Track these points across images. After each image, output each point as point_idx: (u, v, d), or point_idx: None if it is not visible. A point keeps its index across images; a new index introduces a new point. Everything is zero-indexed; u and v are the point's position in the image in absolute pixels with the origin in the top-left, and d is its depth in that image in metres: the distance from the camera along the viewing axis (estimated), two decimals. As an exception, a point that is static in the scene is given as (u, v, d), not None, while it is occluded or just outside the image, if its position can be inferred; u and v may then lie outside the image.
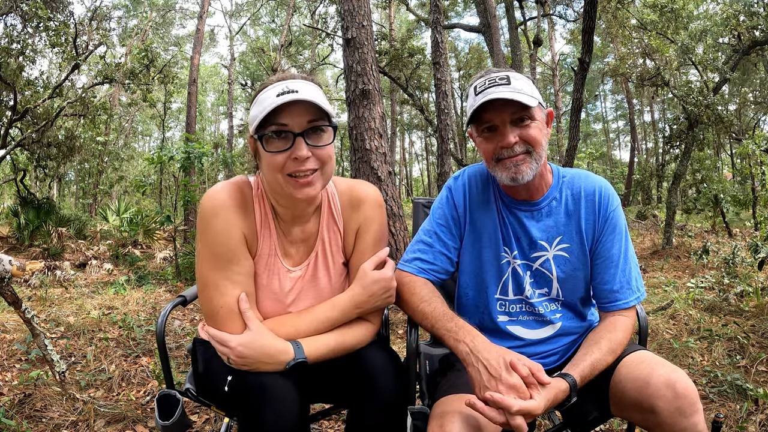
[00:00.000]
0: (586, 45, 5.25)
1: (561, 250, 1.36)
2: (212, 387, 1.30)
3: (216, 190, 1.23)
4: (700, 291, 4.51)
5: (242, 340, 1.17)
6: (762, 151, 7.17)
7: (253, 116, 1.19)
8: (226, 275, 1.21)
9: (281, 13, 25.84)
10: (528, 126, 1.26)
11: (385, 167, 4.89)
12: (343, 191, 1.38)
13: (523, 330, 1.39)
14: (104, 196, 18.11)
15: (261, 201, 1.28)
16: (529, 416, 1.04)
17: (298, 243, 1.33)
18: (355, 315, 1.30)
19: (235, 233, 1.22)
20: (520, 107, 1.24)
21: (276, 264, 1.29)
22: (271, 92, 1.16)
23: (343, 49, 5.26)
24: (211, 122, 37.68)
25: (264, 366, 1.17)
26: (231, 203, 1.22)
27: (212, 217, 1.20)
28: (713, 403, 2.36)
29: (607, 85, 33.77)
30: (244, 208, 1.24)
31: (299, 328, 1.25)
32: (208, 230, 1.21)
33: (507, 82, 1.25)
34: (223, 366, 1.22)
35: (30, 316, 2.41)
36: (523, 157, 1.27)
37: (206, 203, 1.21)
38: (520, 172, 1.26)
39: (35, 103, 9.20)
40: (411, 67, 12.43)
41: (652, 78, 10.37)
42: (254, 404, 1.11)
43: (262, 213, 1.28)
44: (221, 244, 1.20)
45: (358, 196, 1.37)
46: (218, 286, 1.21)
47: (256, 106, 1.18)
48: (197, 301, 1.42)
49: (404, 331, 3.11)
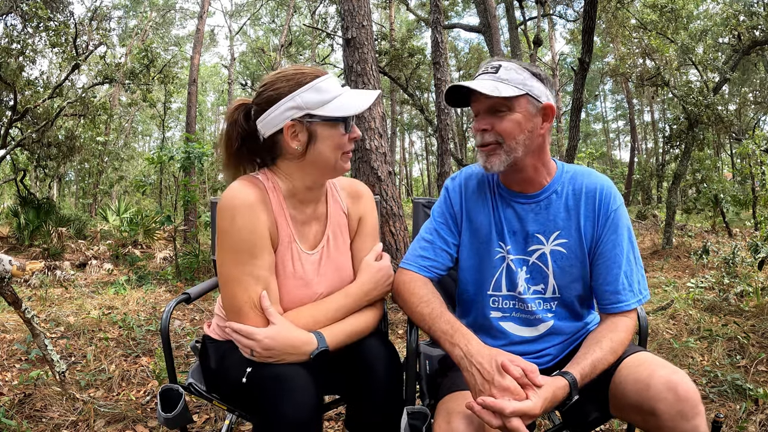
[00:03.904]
0: (586, 45, 5.25)
1: (558, 245, 1.35)
2: (226, 381, 1.34)
3: (236, 188, 1.27)
4: (700, 291, 4.51)
5: (269, 332, 1.22)
6: (762, 151, 7.17)
7: (320, 101, 1.27)
8: (248, 270, 1.25)
9: (281, 13, 25.83)
10: (502, 118, 1.27)
11: (385, 167, 4.89)
12: (344, 184, 1.52)
13: (515, 326, 1.39)
14: (104, 196, 18.10)
15: (274, 192, 1.33)
16: (525, 417, 1.03)
17: (311, 222, 1.40)
18: (365, 303, 1.39)
19: (259, 228, 1.26)
20: (498, 97, 1.26)
21: (295, 249, 1.35)
22: (335, 81, 1.31)
23: (343, 49, 5.26)
24: (211, 122, 37.64)
25: (289, 357, 1.22)
26: (253, 199, 1.26)
27: (236, 214, 1.24)
28: (713, 403, 2.36)
29: (607, 85, 33.77)
30: (264, 202, 1.29)
31: (317, 318, 1.31)
32: (232, 227, 1.24)
33: (495, 71, 1.27)
34: (240, 359, 1.26)
35: (30, 316, 2.41)
36: (492, 147, 1.29)
37: (228, 201, 1.25)
38: (489, 161, 1.30)
39: (35, 103, 9.20)
40: (411, 67, 12.42)
41: (652, 78, 10.37)
42: (274, 395, 1.15)
43: (276, 204, 1.33)
44: (245, 240, 1.24)
45: (357, 190, 1.52)
46: (241, 282, 1.25)
47: (320, 93, 1.27)
48: (198, 300, 1.44)
49: (404, 331, 3.11)
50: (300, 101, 1.26)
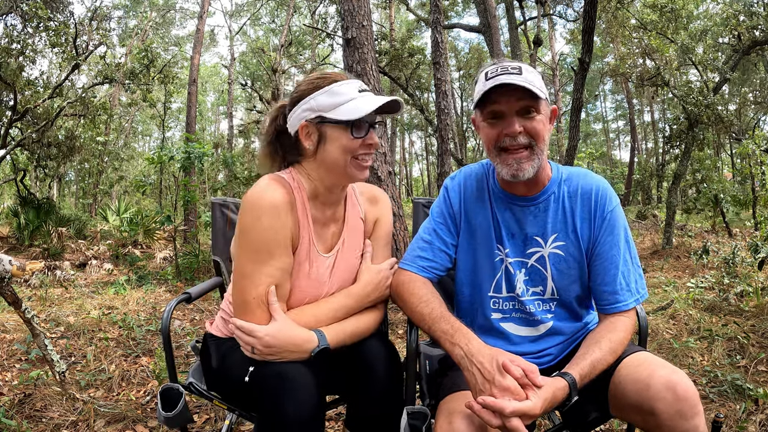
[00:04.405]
0: (586, 45, 5.26)
1: (556, 248, 1.36)
2: (228, 380, 1.35)
3: (268, 186, 1.27)
4: (700, 291, 4.51)
5: (269, 330, 1.23)
6: (762, 151, 7.17)
7: (332, 104, 1.29)
8: (264, 269, 1.26)
9: (281, 13, 25.82)
10: (533, 118, 1.25)
11: (385, 167, 4.89)
12: (363, 189, 1.54)
13: (515, 327, 1.40)
14: (104, 196, 18.10)
15: (299, 192, 1.35)
16: (525, 417, 1.03)
17: (329, 224, 1.41)
18: (366, 304, 1.40)
19: (282, 232, 1.27)
20: (530, 97, 1.23)
21: (313, 251, 1.36)
22: (353, 86, 1.32)
23: (343, 49, 5.26)
24: (211, 122, 37.64)
25: (290, 355, 1.22)
26: (282, 201, 1.26)
27: (262, 214, 1.24)
28: (713, 403, 2.36)
29: (607, 85, 33.77)
30: (290, 204, 1.29)
31: (319, 317, 1.32)
32: (256, 226, 1.24)
33: (519, 72, 1.24)
34: (242, 358, 1.26)
35: (30, 316, 2.41)
36: (526, 153, 1.26)
37: (256, 199, 1.24)
38: (521, 169, 1.26)
39: (35, 103, 9.20)
40: (411, 67, 12.43)
41: (652, 78, 10.37)
42: (276, 393, 1.15)
43: (301, 204, 1.35)
44: (267, 241, 1.25)
45: (374, 195, 1.54)
46: (253, 278, 1.25)
47: (333, 96, 1.29)
48: (198, 300, 1.44)
49: (404, 331, 3.11)
50: (314, 103, 1.30)
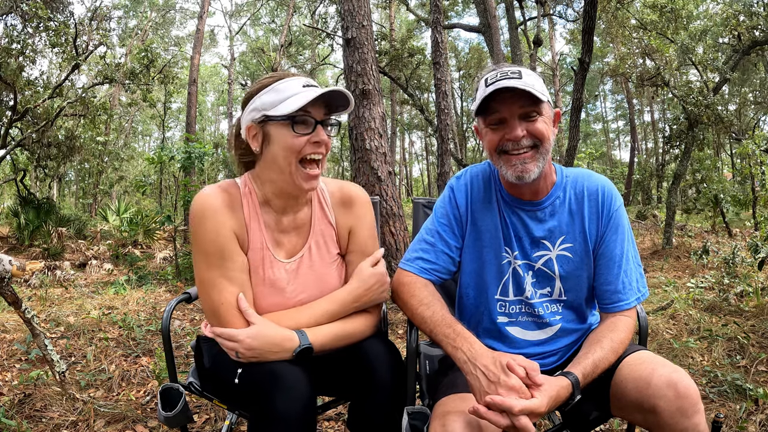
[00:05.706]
0: (586, 45, 5.25)
1: (564, 250, 1.35)
2: (220, 381, 1.35)
3: (204, 193, 1.30)
4: (700, 291, 4.51)
5: (250, 332, 1.23)
6: (762, 151, 7.17)
7: (275, 101, 1.24)
8: (221, 273, 1.26)
9: (281, 13, 25.81)
10: (536, 120, 1.25)
11: (385, 167, 4.89)
12: (334, 190, 1.45)
13: (522, 331, 1.39)
14: (104, 196, 18.10)
15: (249, 198, 1.34)
16: (533, 415, 1.04)
17: (290, 232, 1.38)
18: (354, 309, 1.36)
19: (224, 231, 1.27)
20: (531, 101, 1.23)
21: (267, 255, 1.34)
22: (298, 82, 1.27)
23: (343, 49, 5.26)
24: (211, 122, 37.66)
25: (272, 355, 1.22)
26: (218, 203, 1.28)
27: (202, 218, 1.27)
28: (713, 403, 2.36)
29: (607, 85, 33.74)
30: (231, 207, 1.30)
31: (300, 322, 1.30)
32: (199, 231, 1.27)
33: (519, 76, 1.23)
34: (232, 360, 1.26)
35: (30, 316, 2.40)
36: (531, 154, 1.26)
37: (195, 206, 1.28)
38: (527, 170, 1.25)
39: (35, 103, 9.20)
40: (411, 67, 12.42)
41: (652, 78, 10.37)
42: (266, 391, 1.15)
43: (250, 208, 1.34)
44: (212, 242, 1.26)
45: (349, 195, 1.44)
46: (215, 284, 1.26)
47: (276, 94, 1.25)
48: (198, 300, 1.44)
49: (404, 331, 3.11)
50: (259, 103, 1.27)
